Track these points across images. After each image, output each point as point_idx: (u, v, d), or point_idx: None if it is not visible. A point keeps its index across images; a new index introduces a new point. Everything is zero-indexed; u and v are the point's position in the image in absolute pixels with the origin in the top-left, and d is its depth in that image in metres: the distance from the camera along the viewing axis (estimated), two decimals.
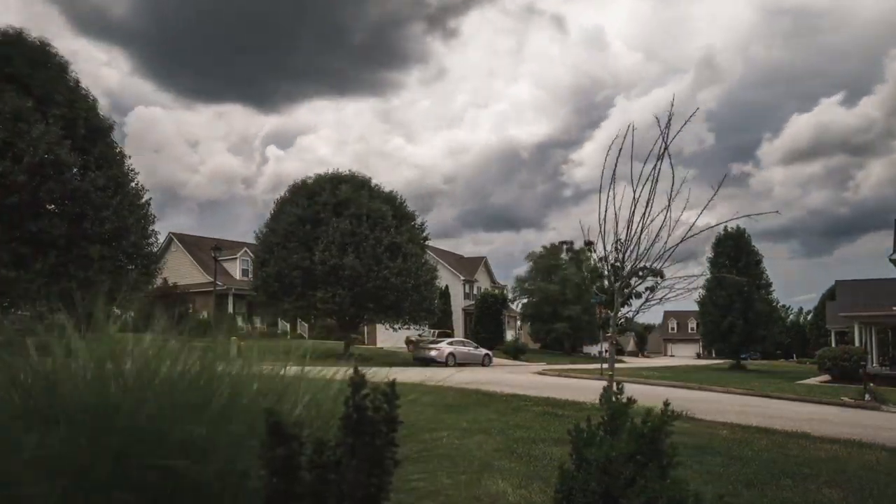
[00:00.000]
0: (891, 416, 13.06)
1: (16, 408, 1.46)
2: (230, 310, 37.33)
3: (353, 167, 54.26)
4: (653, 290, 7.06)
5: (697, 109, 5.76)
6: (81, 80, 20.05)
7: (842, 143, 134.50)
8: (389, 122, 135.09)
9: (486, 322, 46.53)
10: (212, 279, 33.97)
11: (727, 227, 37.64)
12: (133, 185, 21.51)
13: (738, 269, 36.06)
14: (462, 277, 52.71)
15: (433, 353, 28.60)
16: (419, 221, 29.48)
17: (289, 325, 38.04)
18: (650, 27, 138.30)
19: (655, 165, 6.15)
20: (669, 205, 6.10)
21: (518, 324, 55.60)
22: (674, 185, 5.99)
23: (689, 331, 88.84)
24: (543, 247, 50.55)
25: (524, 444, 6.24)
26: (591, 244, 7.85)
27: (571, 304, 44.74)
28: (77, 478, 1.34)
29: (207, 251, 35.72)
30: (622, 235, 6.38)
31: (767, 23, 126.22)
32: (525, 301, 49.51)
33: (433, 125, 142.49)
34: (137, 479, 1.37)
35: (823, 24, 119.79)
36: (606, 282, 7.73)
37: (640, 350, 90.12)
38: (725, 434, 7.96)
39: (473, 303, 50.14)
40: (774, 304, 41.93)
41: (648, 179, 6.11)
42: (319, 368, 1.95)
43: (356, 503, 0.95)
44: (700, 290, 37.03)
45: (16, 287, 16.27)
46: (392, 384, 1.03)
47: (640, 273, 6.72)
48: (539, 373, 24.23)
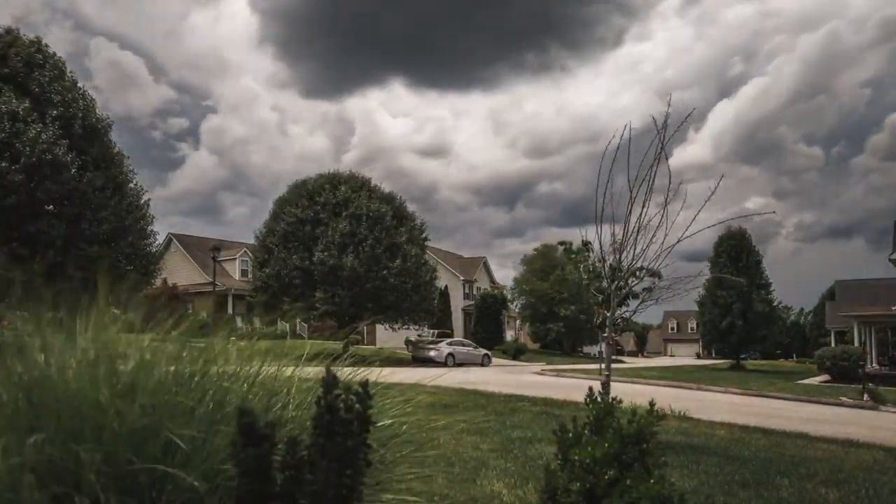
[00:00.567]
0: (889, 416, 13.05)
1: (4, 408, 1.45)
2: (229, 310, 37.31)
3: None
4: (650, 291, 7.06)
5: (693, 110, 5.76)
6: None
7: None
8: None
9: (486, 322, 46.52)
10: (211, 280, 33.95)
11: (729, 227, 37.68)
12: (132, 186, 21.49)
13: (739, 269, 36.03)
14: (462, 278, 52.67)
15: (432, 354, 28.58)
16: (419, 222, 29.47)
17: (288, 326, 38.01)
18: None
19: (652, 165, 6.15)
20: (666, 204, 6.09)
21: (518, 324, 55.56)
22: (670, 185, 5.99)
23: (689, 331, 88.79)
24: (535, 249, 50.49)
25: (521, 445, 6.23)
26: (589, 244, 7.85)
27: (568, 304, 44.67)
28: (65, 480, 1.33)
29: (207, 252, 35.68)
30: (619, 236, 6.38)
31: None
32: (523, 302, 49.46)
33: None
34: (127, 481, 1.36)
35: None
36: (605, 282, 7.72)
37: (641, 350, 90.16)
38: (723, 434, 7.95)
39: (473, 303, 50.10)
40: (774, 304, 41.86)
41: (645, 179, 6.11)
42: (319, 369, 1.94)
43: (328, 503, 0.94)
44: (699, 290, 37.03)
45: (13, 288, 16.25)
46: (364, 384, 1.02)
47: (638, 273, 6.72)
48: (538, 373, 24.22)
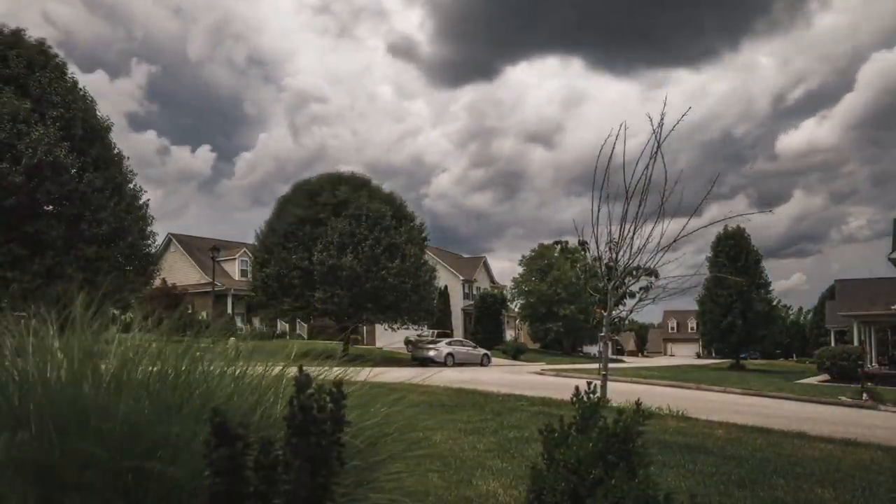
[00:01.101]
0: (888, 416, 13.04)
1: None
2: (229, 310, 37.34)
3: None
4: (647, 290, 7.06)
5: (690, 109, 5.77)
6: None
7: None
8: None
9: (486, 322, 46.50)
10: (211, 280, 33.98)
11: (727, 227, 37.66)
12: (131, 187, 21.50)
13: (738, 269, 36.02)
14: (461, 277, 52.66)
15: (431, 353, 28.57)
16: (418, 222, 29.46)
17: (288, 326, 38.07)
18: None
19: (648, 165, 6.15)
20: (663, 204, 6.09)
21: (517, 324, 55.55)
22: (666, 184, 5.99)
23: (690, 330, 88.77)
24: (533, 250, 50.42)
25: (518, 444, 6.22)
26: (585, 244, 7.85)
27: (566, 304, 44.63)
28: (48, 480, 1.32)
29: (206, 252, 35.71)
30: (615, 235, 6.38)
31: None
32: (522, 302, 49.44)
33: None
34: (111, 481, 1.35)
35: None
36: (601, 283, 7.72)
37: (641, 350, 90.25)
38: (721, 434, 7.94)
39: (473, 303, 50.08)
40: (774, 304, 41.85)
41: (641, 178, 6.11)
42: (316, 369, 1.93)
43: (301, 503, 0.94)
44: (699, 290, 37.00)
45: (12, 288, 16.28)
46: (339, 384, 1.02)
47: (635, 272, 6.72)
48: (537, 373, 24.20)
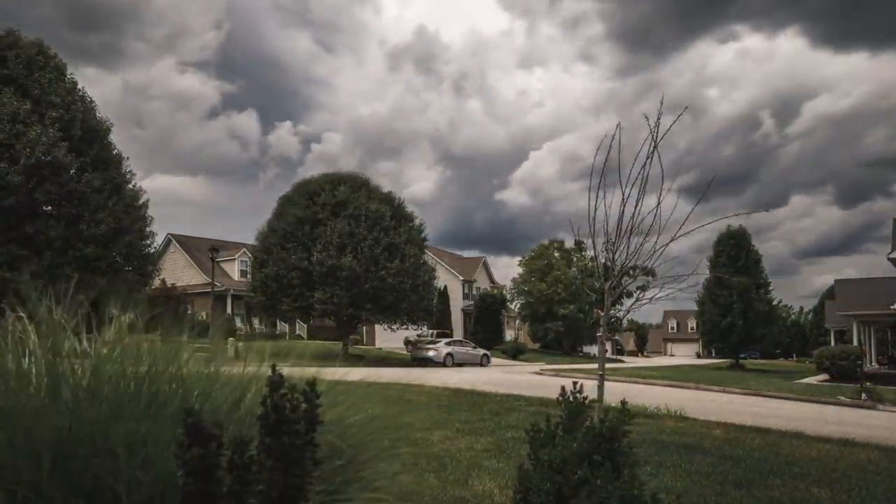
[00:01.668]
0: (887, 416, 13.02)
1: None
2: (229, 311, 37.34)
3: None
4: (644, 290, 7.04)
5: (686, 108, 5.74)
6: None
7: None
8: None
9: (485, 322, 46.49)
10: (210, 280, 33.98)
11: (729, 226, 37.62)
12: (131, 187, 21.51)
13: (738, 269, 36.02)
14: (461, 278, 52.66)
15: (431, 354, 28.55)
16: (417, 222, 29.46)
17: (287, 326, 38.09)
18: None
19: (644, 165, 6.12)
20: (660, 202, 6.07)
21: (517, 324, 55.53)
22: (663, 183, 5.97)
23: (689, 330, 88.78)
24: (532, 250, 50.38)
25: (515, 445, 6.21)
26: (582, 244, 7.84)
27: (566, 304, 44.61)
28: (21, 482, 1.30)
29: (206, 252, 35.71)
30: (612, 235, 6.36)
31: None
32: (522, 302, 49.43)
33: None
34: (78, 483, 1.34)
35: None
36: (598, 282, 7.69)
37: (641, 350, 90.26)
38: (719, 434, 7.93)
39: (472, 303, 50.06)
40: (774, 304, 41.83)
41: (638, 177, 6.08)
42: (314, 368, 1.93)
43: (275, 503, 0.93)
44: (699, 290, 36.98)
45: (10, 288, 16.27)
46: (312, 383, 1.01)
47: (632, 272, 6.70)
48: (537, 373, 24.18)
